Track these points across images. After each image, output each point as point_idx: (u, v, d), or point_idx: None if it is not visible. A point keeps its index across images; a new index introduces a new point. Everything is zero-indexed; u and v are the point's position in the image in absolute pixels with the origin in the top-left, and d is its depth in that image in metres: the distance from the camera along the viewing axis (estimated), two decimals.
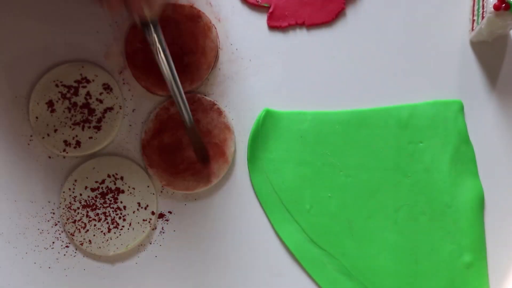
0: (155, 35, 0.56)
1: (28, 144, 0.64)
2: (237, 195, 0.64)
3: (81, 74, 0.63)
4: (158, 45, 0.57)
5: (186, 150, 0.63)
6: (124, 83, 0.65)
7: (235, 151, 0.64)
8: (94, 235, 0.62)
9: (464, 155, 0.63)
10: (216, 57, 0.65)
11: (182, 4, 0.65)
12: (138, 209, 0.62)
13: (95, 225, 0.62)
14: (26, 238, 0.63)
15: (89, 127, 0.63)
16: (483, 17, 0.61)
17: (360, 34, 0.65)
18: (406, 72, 0.64)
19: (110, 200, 0.62)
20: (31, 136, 0.64)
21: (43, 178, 0.64)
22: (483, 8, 0.61)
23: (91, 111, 0.63)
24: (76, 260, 0.63)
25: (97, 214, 0.62)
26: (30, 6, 0.66)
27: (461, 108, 0.64)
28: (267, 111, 0.64)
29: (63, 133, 0.63)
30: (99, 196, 0.62)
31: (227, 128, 0.63)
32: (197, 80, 0.64)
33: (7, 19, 0.66)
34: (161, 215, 0.63)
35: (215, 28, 0.65)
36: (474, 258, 0.62)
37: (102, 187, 0.63)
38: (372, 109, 0.64)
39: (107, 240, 0.62)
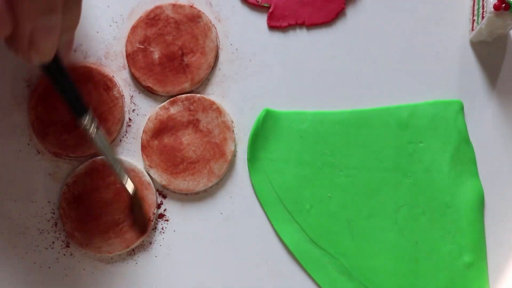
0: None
1: (28, 144, 0.64)
2: (237, 195, 0.64)
3: (81, 75, 0.64)
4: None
5: (186, 150, 0.63)
6: (124, 83, 0.65)
7: (235, 151, 0.64)
8: (94, 235, 0.62)
9: (464, 155, 0.63)
10: (216, 57, 0.65)
11: (182, 4, 0.65)
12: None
13: (95, 225, 0.62)
14: (26, 238, 0.63)
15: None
16: (483, 17, 0.61)
17: (360, 34, 0.65)
18: (406, 72, 0.65)
19: (111, 200, 0.62)
20: (31, 136, 0.64)
21: (43, 178, 0.64)
22: (483, 8, 0.61)
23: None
24: (76, 260, 0.63)
25: (97, 214, 0.62)
26: None
27: (461, 108, 0.64)
28: (267, 111, 0.64)
29: (63, 133, 0.63)
30: (99, 196, 0.62)
31: (227, 128, 0.63)
32: (197, 80, 0.64)
33: None
34: (161, 215, 0.63)
35: (215, 28, 0.65)
36: (474, 258, 0.62)
37: (102, 187, 0.62)
38: (372, 109, 0.64)
39: (107, 240, 0.62)
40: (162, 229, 0.63)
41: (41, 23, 0.47)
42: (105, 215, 0.62)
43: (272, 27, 0.66)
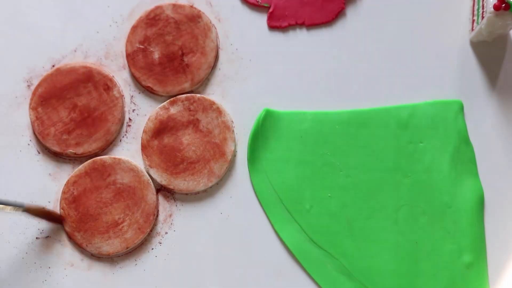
0: None
1: (28, 144, 0.64)
2: (237, 195, 0.64)
3: (81, 75, 0.64)
4: None
5: (186, 150, 0.63)
6: (124, 83, 0.65)
7: (235, 151, 0.64)
8: (94, 235, 0.62)
9: (464, 155, 0.63)
10: (216, 57, 0.65)
11: (182, 4, 0.65)
12: (138, 209, 0.62)
13: (95, 225, 0.62)
14: (26, 238, 0.63)
15: (89, 127, 0.63)
16: (483, 17, 0.61)
17: (360, 34, 0.65)
18: (406, 72, 0.64)
19: (111, 200, 0.62)
20: (31, 136, 0.64)
21: (43, 178, 0.64)
22: (483, 8, 0.61)
23: (91, 111, 0.63)
24: (76, 260, 0.63)
25: (97, 214, 0.62)
26: (29, 6, 0.66)
27: (461, 108, 0.64)
28: (267, 111, 0.64)
29: (63, 133, 0.63)
30: (99, 196, 0.62)
31: (227, 128, 0.63)
32: (197, 80, 0.64)
33: (7, 18, 0.66)
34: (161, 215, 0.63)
35: (215, 28, 0.65)
36: (474, 258, 0.62)
37: (102, 187, 0.63)
38: (372, 109, 0.64)
39: (107, 240, 0.62)
40: (162, 229, 0.63)
41: None
42: (105, 215, 0.62)
43: (272, 27, 0.66)
